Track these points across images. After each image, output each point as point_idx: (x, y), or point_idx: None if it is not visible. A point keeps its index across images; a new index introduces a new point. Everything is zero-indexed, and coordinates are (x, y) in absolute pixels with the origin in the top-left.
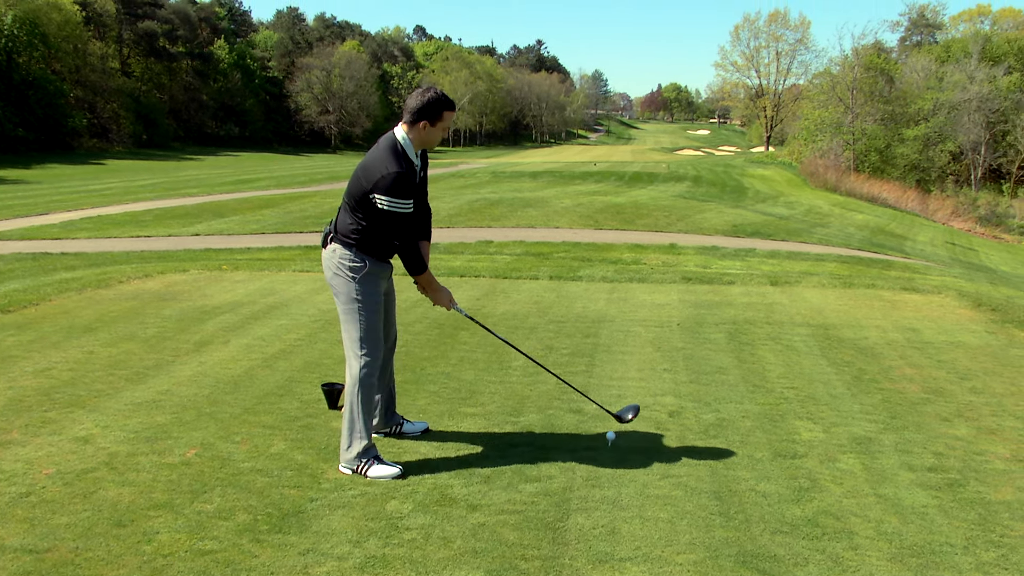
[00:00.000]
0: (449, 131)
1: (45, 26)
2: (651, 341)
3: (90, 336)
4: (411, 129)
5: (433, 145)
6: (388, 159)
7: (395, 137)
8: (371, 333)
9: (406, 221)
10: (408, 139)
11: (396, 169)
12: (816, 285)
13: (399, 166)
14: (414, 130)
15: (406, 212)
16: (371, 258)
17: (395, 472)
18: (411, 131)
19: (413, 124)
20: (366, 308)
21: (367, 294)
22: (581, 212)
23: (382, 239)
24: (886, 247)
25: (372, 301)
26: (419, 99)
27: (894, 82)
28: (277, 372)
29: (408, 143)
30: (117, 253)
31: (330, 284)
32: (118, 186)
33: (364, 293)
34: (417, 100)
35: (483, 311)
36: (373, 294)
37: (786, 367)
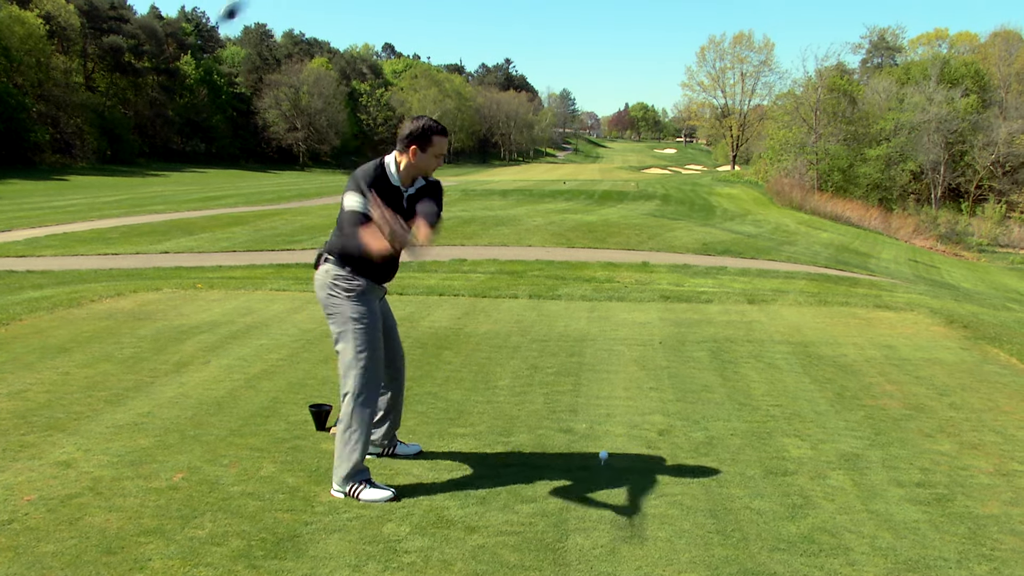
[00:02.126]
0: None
1: (7, 39)
2: (635, 360)
3: (65, 357)
4: (402, 155)
5: (428, 172)
6: (364, 168)
7: (383, 158)
8: (369, 352)
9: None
10: (396, 162)
11: (363, 172)
12: (792, 303)
13: (369, 172)
14: (404, 156)
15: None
16: (364, 276)
17: (388, 495)
18: (401, 156)
19: (404, 151)
20: (362, 326)
21: (362, 312)
22: (553, 230)
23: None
24: (851, 265)
25: (368, 318)
26: (410, 126)
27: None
28: (261, 393)
29: (393, 165)
30: (85, 271)
31: (323, 304)
32: (82, 203)
33: (359, 311)
34: (408, 127)
35: (465, 330)
36: (368, 312)
37: (770, 384)
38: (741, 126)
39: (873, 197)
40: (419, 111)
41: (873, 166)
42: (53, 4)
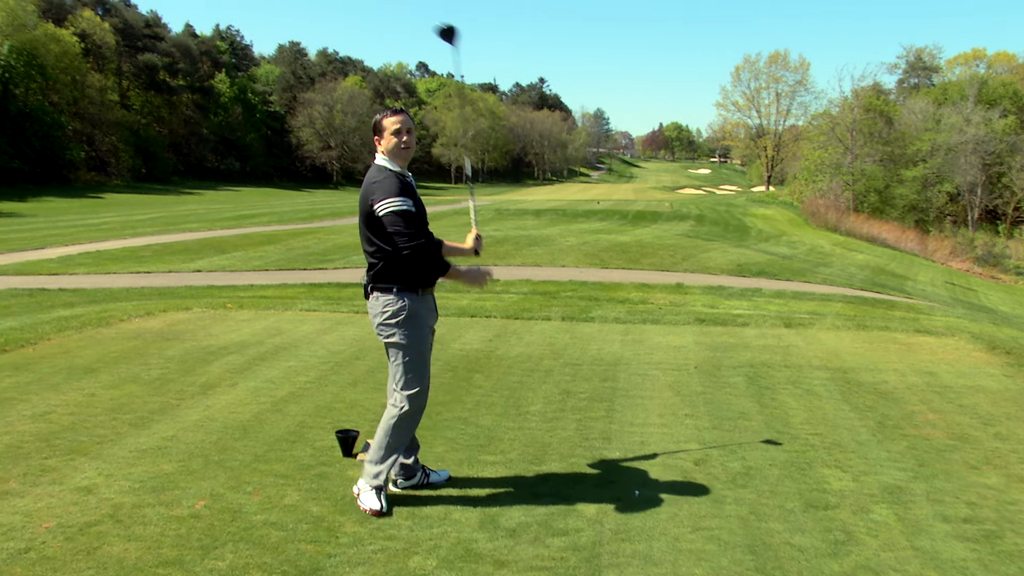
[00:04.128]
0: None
1: (43, 57)
2: (670, 385)
3: (91, 378)
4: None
5: (401, 155)
6: (376, 172)
7: (378, 166)
8: (418, 377)
9: (411, 219)
10: (383, 156)
11: (387, 173)
12: (830, 327)
13: (387, 171)
14: (380, 151)
15: (407, 209)
16: (408, 293)
17: (376, 508)
18: (380, 154)
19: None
20: (411, 352)
21: (411, 338)
22: (586, 250)
23: (402, 258)
24: (888, 287)
25: (417, 344)
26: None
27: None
28: (288, 417)
29: (384, 159)
30: (117, 289)
31: (377, 333)
32: (116, 220)
33: (408, 336)
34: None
35: (496, 353)
36: (417, 337)
37: (809, 412)
38: (776, 146)
39: (909, 219)
40: (452, 130)
41: (909, 187)
42: (89, 22)
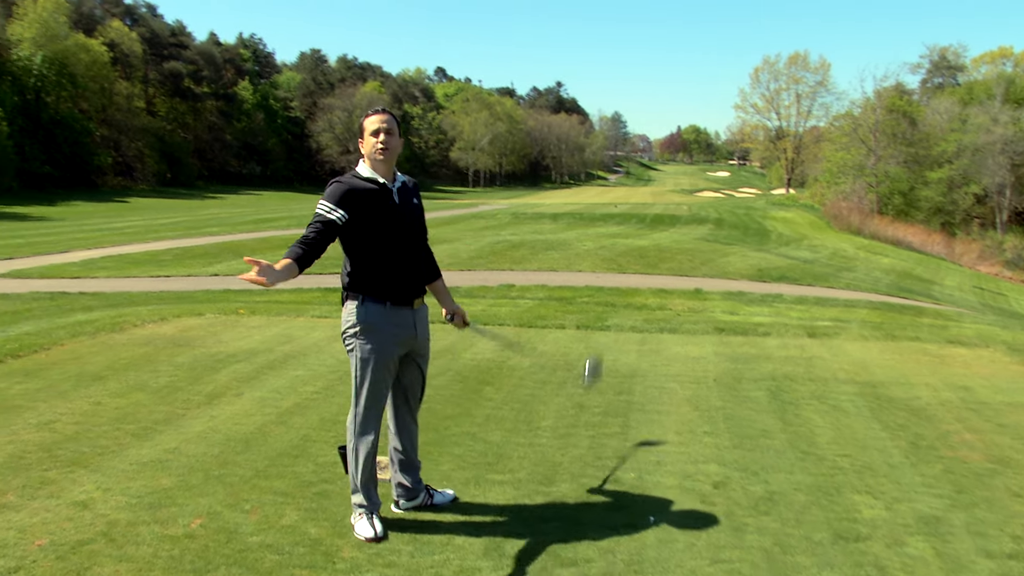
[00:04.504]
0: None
1: (73, 66)
2: (688, 399)
3: (99, 385)
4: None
5: (381, 157)
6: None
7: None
8: (365, 397)
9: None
10: (362, 160)
11: (342, 180)
12: (856, 337)
13: (349, 177)
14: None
15: (324, 215)
16: (374, 304)
17: (369, 535)
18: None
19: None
20: (363, 370)
21: (365, 353)
22: (603, 255)
23: (372, 267)
24: (914, 292)
25: (369, 362)
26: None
27: (916, 124)
28: (291, 430)
29: (362, 163)
30: (135, 293)
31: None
32: (140, 224)
33: (363, 351)
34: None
35: (508, 363)
36: (374, 354)
37: (836, 431)
38: (796, 148)
39: (935, 221)
40: (470, 134)
41: (935, 189)
42: (117, 32)
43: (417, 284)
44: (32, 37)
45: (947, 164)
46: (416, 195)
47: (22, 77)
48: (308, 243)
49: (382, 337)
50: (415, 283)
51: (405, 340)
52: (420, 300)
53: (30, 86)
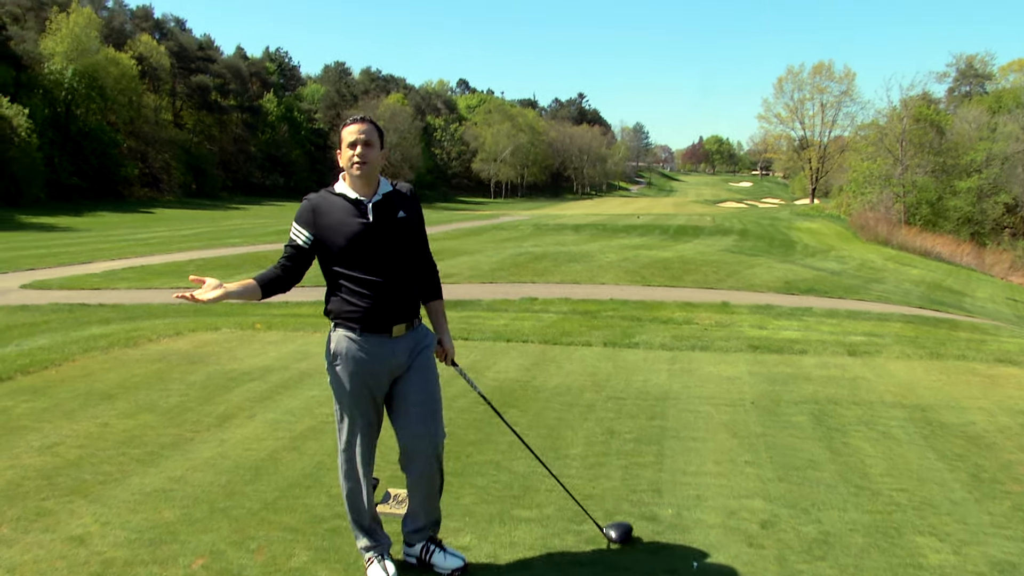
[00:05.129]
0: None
1: (103, 79)
2: (725, 424)
3: (107, 405)
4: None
5: (357, 172)
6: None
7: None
8: (343, 432)
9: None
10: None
11: (311, 197)
12: (900, 355)
13: (320, 194)
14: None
15: (291, 239)
16: (347, 330)
17: None
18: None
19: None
20: (338, 402)
21: (339, 384)
22: (627, 267)
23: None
24: (946, 304)
25: (343, 394)
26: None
27: (944, 133)
28: (304, 456)
29: (341, 179)
30: (155, 305)
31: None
32: (164, 235)
33: (336, 382)
34: None
35: (533, 383)
36: (346, 385)
37: (888, 461)
38: (821, 158)
39: (964, 231)
40: (492, 145)
41: (964, 199)
42: (146, 46)
43: (398, 309)
44: (64, 51)
45: (976, 173)
46: (407, 207)
47: (53, 90)
48: (280, 267)
49: (353, 369)
50: (394, 308)
51: (381, 373)
52: (405, 326)
53: (61, 99)
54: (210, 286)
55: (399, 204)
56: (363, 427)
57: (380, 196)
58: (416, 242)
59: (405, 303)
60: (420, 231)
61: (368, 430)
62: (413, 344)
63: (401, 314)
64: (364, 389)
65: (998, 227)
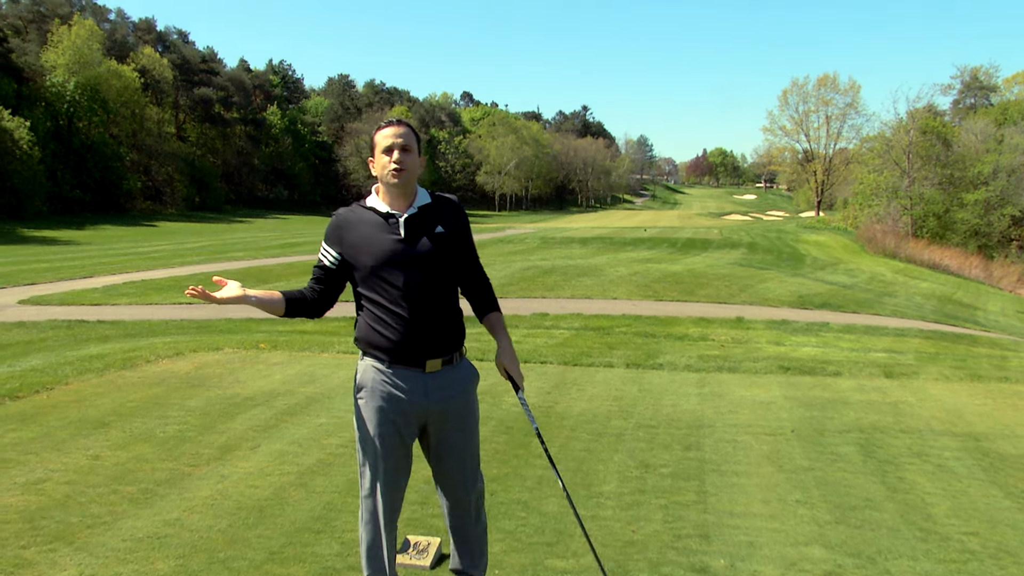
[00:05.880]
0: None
1: (105, 92)
2: (768, 456)
3: (100, 435)
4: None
5: (394, 179)
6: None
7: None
8: (366, 469)
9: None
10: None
11: (340, 212)
12: (939, 377)
13: (352, 209)
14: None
15: (318, 260)
16: (375, 359)
17: None
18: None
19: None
20: (360, 435)
21: (360, 418)
22: (638, 281)
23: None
24: (960, 318)
25: (365, 428)
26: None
27: (951, 146)
28: (313, 495)
29: (373, 191)
30: (155, 322)
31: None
32: (167, 249)
33: (358, 415)
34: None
35: (556, 409)
36: (369, 419)
37: (952, 500)
38: (826, 171)
39: (972, 244)
40: (496, 158)
41: (971, 211)
42: (149, 59)
43: (433, 339)
44: (66, 64)
45: (983, 186)
46: (447, 220)
47: (55, 103)
48: (309, 290)
49: (378, 404)
50: (428, 338)
51: (410, 410)
52: (442, 361)
53: (63, 112)
54: (230, 287)
55: (438, 217)
56: (388, 471)
57: (415, 209)
58: (460, 260)
59: (443, 333)
60: (466, 246)
61: (394, 475)
62: (451, 381)
63: (437, 345)
64: (391, 428)
65: (1005, 239)
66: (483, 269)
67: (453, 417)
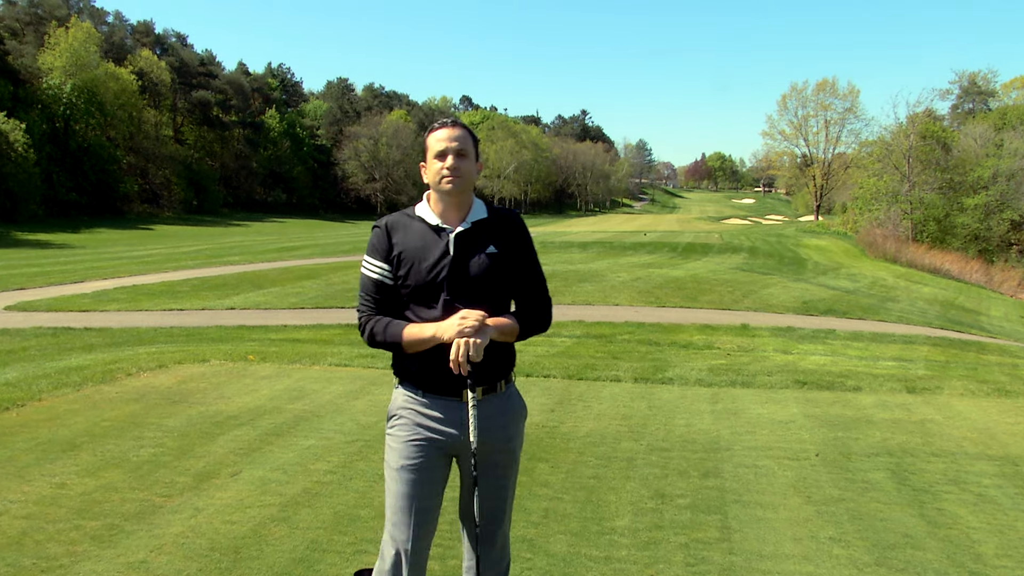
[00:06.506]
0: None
1: (102, 95)
2: (793, 485)
3: (69, 459)
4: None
5: (448, 186)
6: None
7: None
8: (392, 510)
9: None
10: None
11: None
12: (963, 392)
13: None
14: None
15: (363, 274)
16: (408, 389)
17: None
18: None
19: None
20: (388, 470)
21: (392, 451)
22: (639, 287)
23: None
24: (964, 324)
25: (395, 463)
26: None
27: (950, 150)
28: (296, 532)
29: (424, 199)
30: (144, 329)
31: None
32: (161, 253)
33: (390, 448)
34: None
35: (561, 430)
36: (401, 454)
37: (999, 536)
38: (825, 175)
39: (972, 248)
40: (496, 162)
41: (971, 216)
42: (146, 61)
43: (474, 368)
44: (63, 66)
45: (983, 190)
46: (502, 239)
47: (52, 105)
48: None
49: (407, 437)
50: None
51: (444, 442)
52: (482, 390)
53: (59, 114)
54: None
55: (492, 235)
56: (412, 504)
57: (468, 224)
58: (514, 283)
59: (486, 362)
60: (524, 267)
61: (425, 517)
62: (494, 413)
63: (479, 375)
64: (417, 459)
65: (1005, 244)
66: (546, 293)
67: (491, 453)
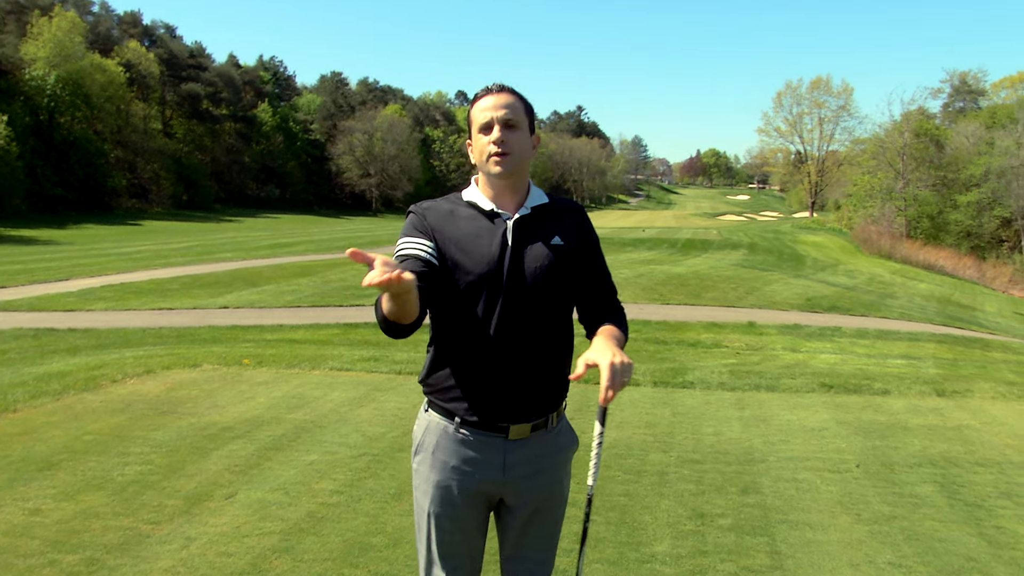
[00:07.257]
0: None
1: (88, 87)
2: (840, 501)
3: (45, 480)
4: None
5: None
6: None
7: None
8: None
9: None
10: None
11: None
12: (994, 395)
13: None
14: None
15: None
16: (438, 414)
17: None
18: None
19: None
20: (418, 509)
21: (421, 489)
22: (642, 284)
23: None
24: (963, 320)
25: (425, 502)
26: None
27: (944, 148)
28: (301, 565)
29: (472, 182)
30: (131, 330)
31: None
32: (150, 249)
33: (418, 484)
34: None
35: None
36: (428, 492)
37: None
38: (819, 172)
39: (965, 245)
40: None
41: (964, 213)
42: (134, 53)
43: (525, 395)
44: (46, 57)
45: (975, 188)
46: (567, 229)
47: (35, 97)
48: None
49: (441, 476)
50: (518, 393)
51: (482, 488)
52: (531, 426)
53: (43, 106)
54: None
55: (555, 225)
56: (448, 551)
57: (527, 209)
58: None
59: (539, 389)
60: (597, 265)
61: (466, 564)
62: (541, 451)
63: (528, 406)
64: (452, 503)
65: (996, 240)
66: (615, 295)
67: (536, 494)
